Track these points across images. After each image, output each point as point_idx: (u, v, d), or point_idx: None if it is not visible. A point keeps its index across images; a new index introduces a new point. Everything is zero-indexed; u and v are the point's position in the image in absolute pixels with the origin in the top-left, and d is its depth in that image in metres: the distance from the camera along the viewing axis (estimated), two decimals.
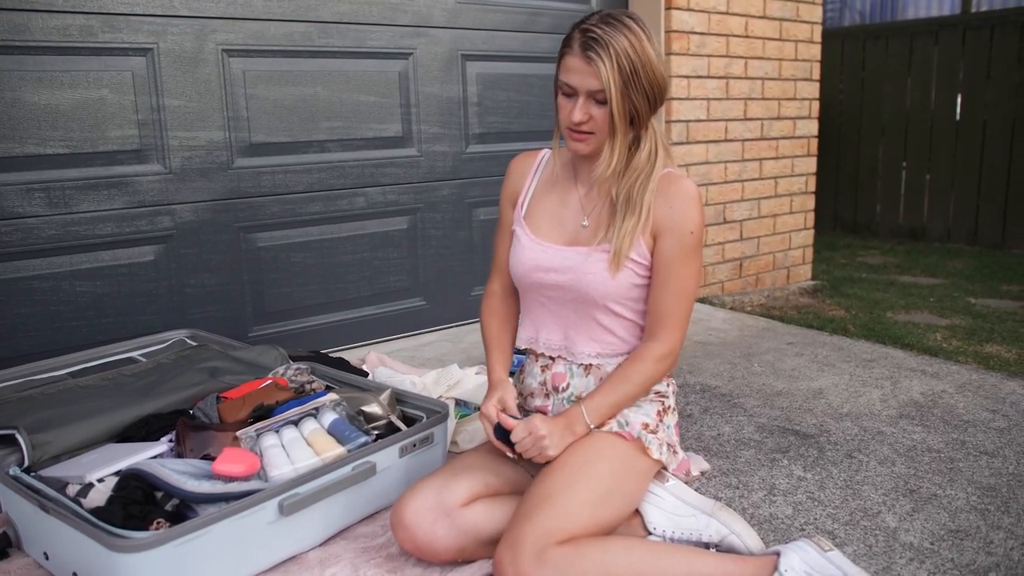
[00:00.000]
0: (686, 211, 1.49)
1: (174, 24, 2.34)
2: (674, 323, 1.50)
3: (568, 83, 1.44)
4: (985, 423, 2.14)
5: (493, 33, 2.99)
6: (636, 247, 1.50)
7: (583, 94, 1.43)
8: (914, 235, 5.56)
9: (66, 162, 2.23)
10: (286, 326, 2.69)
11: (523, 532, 1.29)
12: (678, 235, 1.49)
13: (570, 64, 1.43)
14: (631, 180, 1.50)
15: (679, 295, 1.50)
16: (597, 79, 1.40)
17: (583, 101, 1.43)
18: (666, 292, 1.50)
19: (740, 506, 1.71)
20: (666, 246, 1.50)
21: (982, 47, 5.08)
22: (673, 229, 1.49)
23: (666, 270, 1.50)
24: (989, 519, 1.65)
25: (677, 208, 1.49)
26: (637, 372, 1.50)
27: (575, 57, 1.42)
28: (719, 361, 2.70)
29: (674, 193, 1.50)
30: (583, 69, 1.41)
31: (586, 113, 1.43)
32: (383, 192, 2.83)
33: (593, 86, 1.41)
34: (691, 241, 1.50)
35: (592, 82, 1.41)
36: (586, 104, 1.43)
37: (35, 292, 2.22)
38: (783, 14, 3.62)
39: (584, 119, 1.44)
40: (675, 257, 1.49)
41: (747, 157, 3.64)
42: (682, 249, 1.49)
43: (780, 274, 3.93)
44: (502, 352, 1.67)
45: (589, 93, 1.42)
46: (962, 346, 2.91)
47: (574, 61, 1.42)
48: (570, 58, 1.43)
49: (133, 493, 1.39)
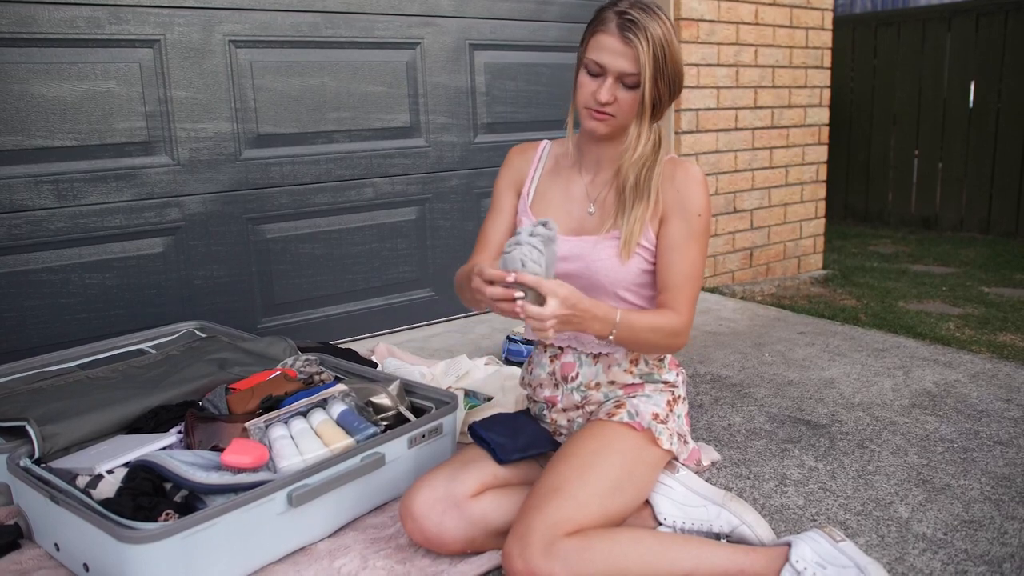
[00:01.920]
0: (694, 194, 1.49)
1: (181, 15, 2.33)
2: (684, 304, 1.48)
3: (599, 62, 1.42)
4: (999, 413, 2.12)
5: (501, 22, 2.97)
6: (645, 233, 1.49)
7: (613, 75, 1.42)
8: (926, 224, 5.52)
9: (74, 154, 2.23)
10: (295, 317, 2.69)
11: (532, 524, 1.28)
12: (686, 218, 1.48)
13: (604, 43, 1.41)
14: (638, 167, 1.49)
15: (688, 275, 1.48)
16: (633, 62, 1.40)
17: (612, 82, 1.42)
18: (674, 273, 1.48)
19: (751, 496, 1.70)
20: (673, 228, 1.49)
21: (996, 33, 5.02)
22: (681, 212, 1.48)
23: (673, 252, 1.48)
24: (1003, 509, 1.63)
25: (684, 192, 1.49)
26: (665, 321, 1.45)
27: (611, 37, 1.41)
28: (730, 351, 2.69)
29: (681, 177, 1.50)
30: (619, 50, 1.40)
31: (612, 95, 1.42)
32: (391, 183, 2.82)
33: (626, 68, 1.40)
34: (699, 224, 1.49)
35: (626, 64, 1.40)
36: (614, 85, 1.42)
37: (44, 284, 2.22)
38: (794, 1, 3.59)
39: (610, 100, 1.43)
40: (683, 238, 1.48)
41: (757, 146, 3.61)
42: (690, 231, 1.48)
43: (791, 263, 3.91)
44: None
45: (619, 74, 1.41)
46: (975, 335, 2.89)
47: (610, 40, 1.41)
48: (605, 37, 1.42)
49: (142, 484, 1.39)
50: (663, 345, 1.48)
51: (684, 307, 1.48)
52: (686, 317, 1.48)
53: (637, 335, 1.42)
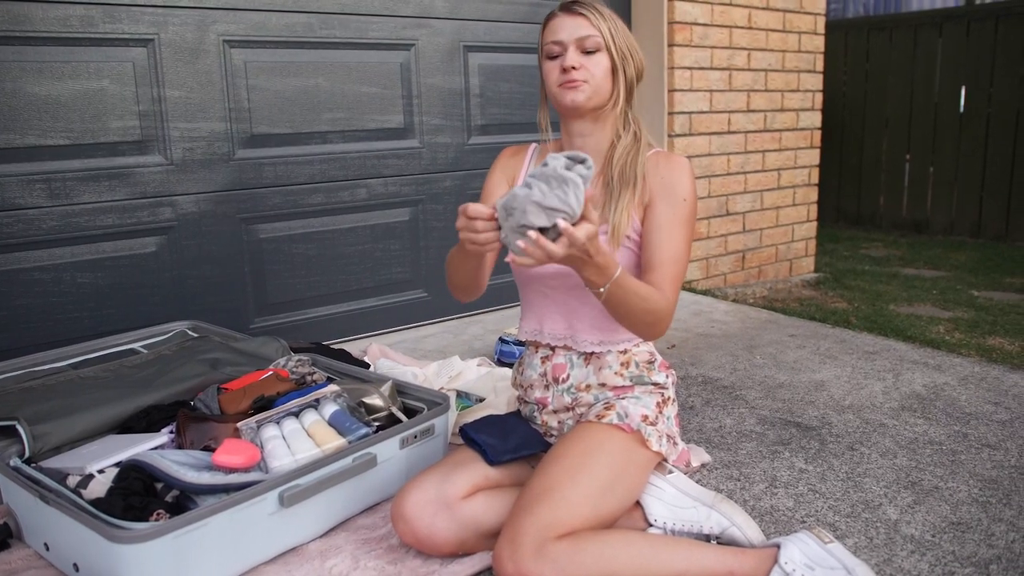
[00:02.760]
0: (679, 180, 1.51)
1: (175, 14, 2.33)
2: (669, 284, 1.44)
3: (555, 39, 1.49)
4: (987, 416, 2.14)
5: (495, 24, 2.98)
6: (632, 223, 1.50)
7: (572, 44, 1.47)
8: (917, 228, 5.55)
9: (67, 153, 2.22)
10: (287, 318, 2.69)
11: (522, 526, 1.28)
12: (671, 202, 1.49)
13: (555, 24, 1.50)
14: (623, 159, 1.51)
15: (674, 256, 1.46)
16: (587, 25, 1.47)
17: (573, 50, 1.48)
18: (660, 251, 1.46)
19: (741, 498, 1.71)
20: (659, 211, 1.49)
21: (987, 39, 5.05)
22: (666, 196, 1.49)
23: (659, 231, 1.47)
24: (991, 512, 1.65)
25: (669, 178, 1.51)
26: (654, 295, 1.40)
27: (559, 17, 1.51)
28: (721, 353, 2.70)
29: (665, 164, 1.52)
30: (570, 22, 1.48)
31: (577, 60, 1.47)
32: (385, 183, 2.82)
33: (583, 32, 1.47)
34: (685, 209, 1.49)
35: (581, 30, 1.47)
36: (576, 53, 1.47)
37: (36, 283, 2.22)
38: (787, 5, 3.60)
39: (577, 65, 1.46)
40: (668, 221, 1.48)
41: (750, 149, 3.63)
42: (676, 215, 1.48)
43: (783, 266, 3.92)
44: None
45: (578, 42, 1.47)
46: (965, 339, 2.90)
47: (560, 19, 1.50)
48: (554, 20, 1.51)
49: (133, 484, 1.39)
50: (646, 321, 1.40)
51: (669, 288, 1.44)
52: (672, 299, 1.43)
53: (628, 298, 1.35)
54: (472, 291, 1.57)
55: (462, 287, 1.56)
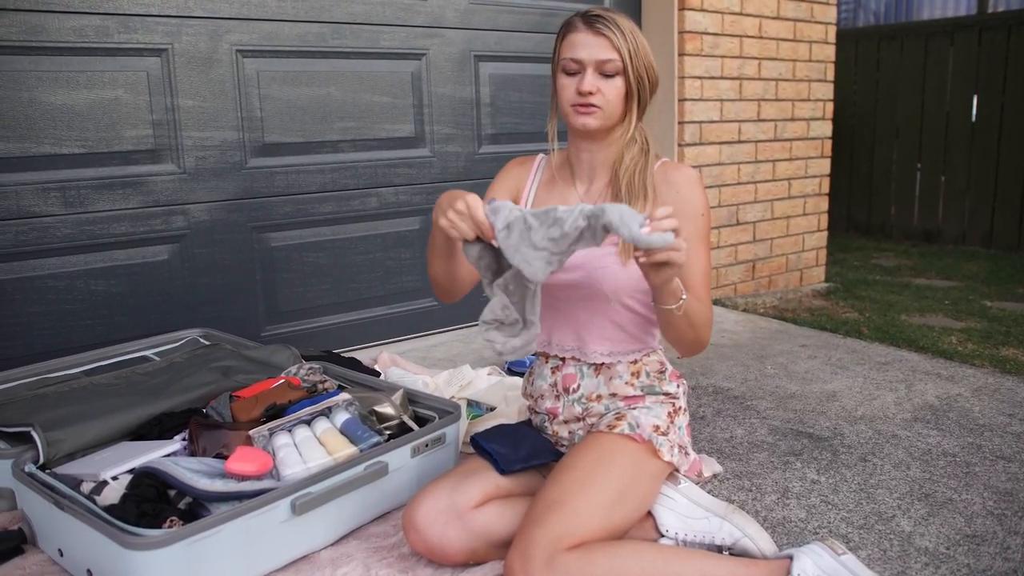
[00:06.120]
0: (693, 195, 1.51)
1: (188, 25, 2.35)
2: (706, 300, 1.50)
3: (575, 58, 1.46)
4: (1002, 427, 2.12)
5: (506, 34, 2.99)
6: None
7: (591, 66, 1.45)
8: (928, 237, 5.52)
9: (82, 162, 2.24)
10: (298, 326, 2.69)
11: (533, 538, 1.28)
12: (691, 218, 1.50)
13: (576, 40, 1.46)
14: (630, 171, 1.51)
15: (704, 273, 1.51)
16: (608, 49, 1.44)
17: (591, 73, 1.45)
18: (692, 272, 1.48)
19: (753, 509, 1.70)
20: (682, 230, 1.48)
21: (999, 48, 5.03)
22: (684, 214, 1.48)
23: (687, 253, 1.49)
24: (1006, 524, 1.63)
25: (684, 194, 1.51)
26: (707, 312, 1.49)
27: (581, 32, 1.46)
28: (732, 363, 2.69)
29: (675, 180, 1.52)
30: (592, 41, 1.45)
31: (594, 84, 1.45)
32: (395, 192, 2.83)
33: (603, 55, 1.44)
34: (703, 223, 1.52)
35: (602, 52, 1.44)
36: (595, 76, 1.46)
37: (50, 291, 2.23)
38: (797, 15, 3.60)
39: (593, 90, 1.45)
40: (691, 238, 1.48)
41: (760, 158, 3.62)
42: (696, 231, 1.50)
43: (793, 276, 3.91)
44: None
45: (598, 64, 1.45)
46: (977, 349, 2.89)
47: (581, 36, 1.46)
48: (575, 35, 1.47)
49: (146, 491, 1.40)
50: (703, 331, 1.47)
51: (707, 301, 1.50)
52: (711, 311, 1.51)
53: (697, 305, 1.44)
54: (450, 289, 1.55)
55: (439, 282, 1.54)
